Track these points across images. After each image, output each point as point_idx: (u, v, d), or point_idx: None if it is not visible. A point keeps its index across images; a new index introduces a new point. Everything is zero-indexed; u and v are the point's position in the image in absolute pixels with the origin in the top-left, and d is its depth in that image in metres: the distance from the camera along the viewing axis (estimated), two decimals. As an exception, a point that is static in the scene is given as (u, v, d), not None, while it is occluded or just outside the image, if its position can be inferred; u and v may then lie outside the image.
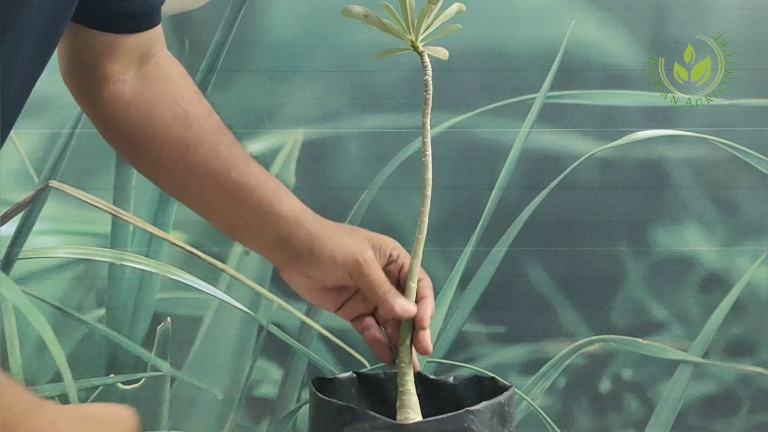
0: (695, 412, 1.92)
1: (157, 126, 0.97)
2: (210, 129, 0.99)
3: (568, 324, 1.92)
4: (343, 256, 0.95)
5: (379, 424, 0.84)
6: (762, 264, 1.90)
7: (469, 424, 0.84)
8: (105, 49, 0.97)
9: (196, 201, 0.99)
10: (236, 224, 0.98)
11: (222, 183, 0.97)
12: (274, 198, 0.98)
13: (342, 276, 0.95)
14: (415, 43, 0.92)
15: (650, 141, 1.90)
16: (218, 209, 0.98)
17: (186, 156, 0.97)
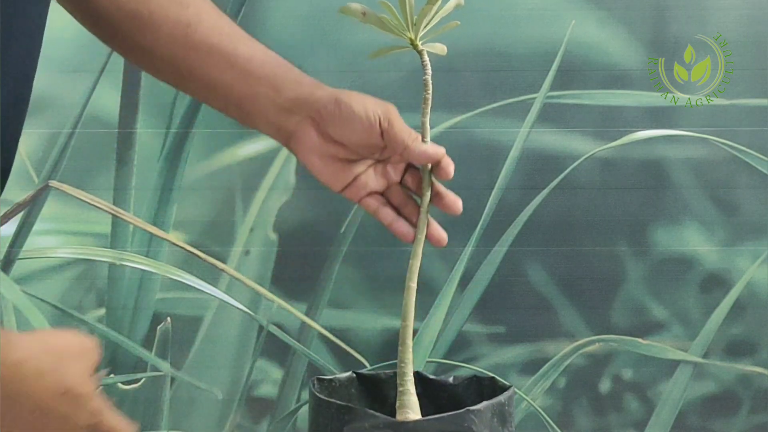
0: (695, 412, 1.92)
1: (152, 8, 0.94)
2: (207, 9, 0.96)
3: (568, 324, 1.92)
4: (373, 104, 0.92)
5: (378, 423, 0.84)
6: (762, 264, 1.90)
7: (470, 423, 0.84)
8: None
9: (199, 81, 0.96)
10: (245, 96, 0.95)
11: (228, 58, 0.94)
12: (288, 67, 0.95)
13: (369, 129, 0.92)
14: (415, 42, 0.92)
15: (650, 141, 1.90)
16: (225, 85, 0.95)
17: (187, 34, 0.94)
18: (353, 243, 1.89)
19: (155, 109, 1.89)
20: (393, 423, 0.85)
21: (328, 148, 0.94)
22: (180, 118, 1.88)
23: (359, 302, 1.91)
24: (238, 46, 0.94)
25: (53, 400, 0.73)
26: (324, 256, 1.90)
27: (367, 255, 1.90)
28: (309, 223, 1.89)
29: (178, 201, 1.90)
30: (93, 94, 1.87)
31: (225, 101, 0.97)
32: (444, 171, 0.97)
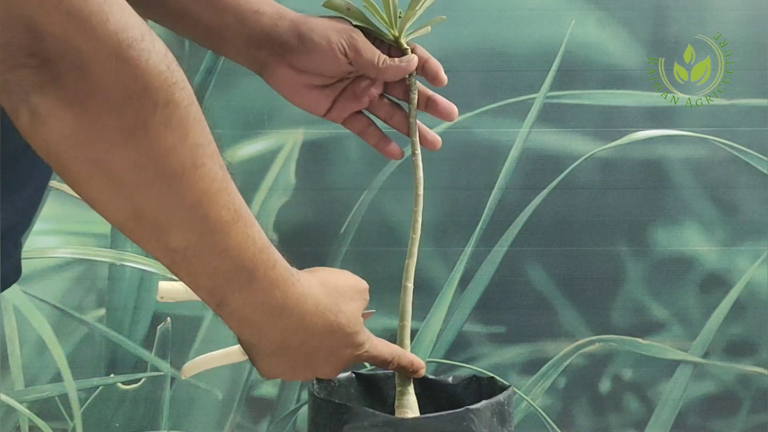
0: (695, 412, 1.92)
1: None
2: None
3: (568, 324, 1.92)
4: (337, 36, 0.90)
5: (378, 422, 0.84)
6: (762, 264, 1.90)
7: (469, 423, 0.84)
8: None
9: (167, 10, 0.94)
10: (213, 27, 0.93)
11: (233, 11, 0.92)
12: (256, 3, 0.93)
13: (335, 59, 0.90)
14: (399, 39, 0.91)
15: (650, 141, 1.91)
16: (193, 14, 0.93)
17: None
18: (353, 243, 1.90)
19: None
20: (392, 421, 0.85)
21: (301, 78, 0.93)
22: (180, 118, 1.88)
23: (359, 302, 1.91)
24: None
25: (325, 335, 0.80)
26: (324, 256, 1.90)
27: (367, 255, 1.90)
28: (309, 223, 1.89)
29: (178, 201, 1.90)
30: (93, 94, 1.87)
31: (194, 30, 0.95)
32: (436, 77, 0.93)
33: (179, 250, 0.69)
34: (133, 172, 0.63)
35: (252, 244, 0.71)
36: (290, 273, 0.76)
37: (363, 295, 0.86)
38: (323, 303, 0.79)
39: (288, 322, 0.77)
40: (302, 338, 0.79)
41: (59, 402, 1.89)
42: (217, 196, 0.67)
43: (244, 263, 0.71)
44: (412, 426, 0.85)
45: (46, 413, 1.89)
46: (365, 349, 0.84)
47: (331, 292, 0.81)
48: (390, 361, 0.88)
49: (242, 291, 0.73)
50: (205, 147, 0.65)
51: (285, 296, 0.75)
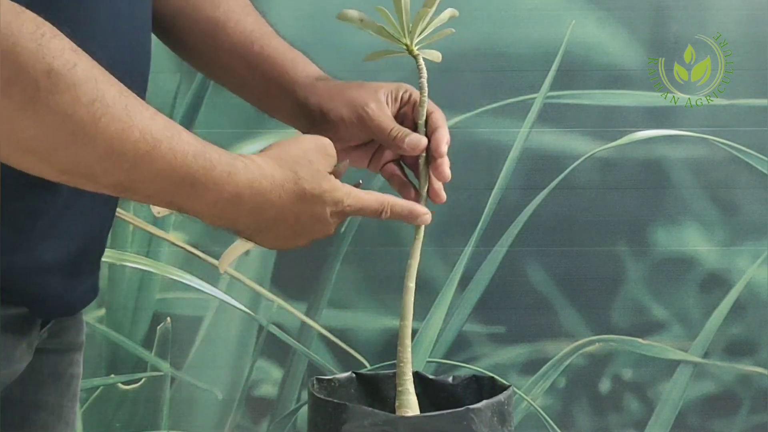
0: (695, 412, 1.92)
1: (189, 8, 1.02)
2: (236, 8, 1.03)
3: (568, 324, 1.92)
4: (348, 114, 0.97)
5: (378, 420, 0.84)
6: (762, 264, 1.90)
7: (469, 422, 0.84)
8: None
9: (226, 77, 1.04)
10: (262, 95, 1.02)
11: (246, 57, 1.01)
12: (292, 67, 1.02)
13: (356, 132, 0.97)
14: (410, 47, 0.92)
15: (650, 141, 1.91)
16: (245, 83, 1.02)
17: (215, 34, 1.02)
18: (353, 243, 1.90)
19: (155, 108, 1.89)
20: (393, 420, 0.85)
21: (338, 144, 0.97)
22: (180, 118, 1.88)
23: (359, 302, 1.91)
24: (254, 45, 1.02)
25: (294, 205, 0.83)
26: (324, 256, 1.90)
27: (367, 255, 1.90)
28: (309, 223, 1.89)
29: (178, 201, 1.90)
30: (93, 94, 1.87)
31: (250, 97, 1.04)
32: (436, 148, 0.98)
33: (116, 185, 0.75)
34: (40, 141, 0.70)
35: (182, 157, 0.75)
36: (234, 165, 0.79)
37: (324, 151, 0.86)
38: (278, 177, 0.81)
39: (250, 206, 0.80)
40: (275, 213, 0.82)
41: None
42: (127, 135, 0.72)
43: (181, 177, 0.76)
44: (413, 425, 0.85)
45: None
46: (346, 203, 0.85)
47: (285, 164, 0.83)
48: (381, 211, 0.88)
49: (192, 198, 0.78)
50: (101, 98, 0.71)
51: (236, 187, 0.78)
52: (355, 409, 0.85)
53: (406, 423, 0.85)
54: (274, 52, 1.02)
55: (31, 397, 0.92)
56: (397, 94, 0.97)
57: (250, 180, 0.79)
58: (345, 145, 0.98)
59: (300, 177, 0.83)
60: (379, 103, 0.96)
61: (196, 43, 1.03)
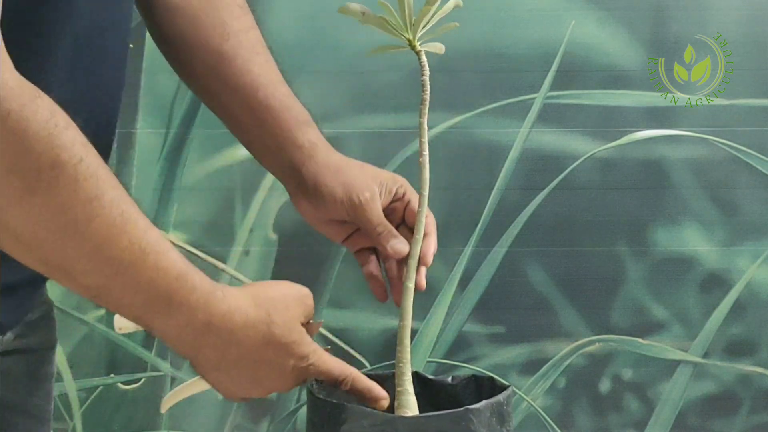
0: (695, 412, 1.92)
1: (197, 35, 0.99)
2: (246, 45, 1.00)
3: (568, 324, 1.92)
4: (341, 194, 0.96)
5: (377, 421, 0.84)
6: (762, 264, 1.90)
7: (468, 422, 0.84)
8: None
9: (225, 114, 1.01)
10: (256, 143, 1.00)
11: (248, 101, 0.98)
12: (294, 125, 0.99)
13: (343, 213, 0.97)
14: (413, 42, 0.91)
15: (650, 141, 1.90)
16: (242, 126, 1.00)
17: (220, 67, 0.98)
18: (353, 243, 1.89)
19: (155, 109, 1.89)
20: (392, 420, 0.85)
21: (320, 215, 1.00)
22: (180, 118, 1.88)
23: (359, 302, 1.91)
24: (259, 91, 0.98)
25: (260, 349, 0.80)
26: (324, 256, 1.90)
27: (367, 255, 1.90)
28: (309, 223, 1.89)
29: (178, 201, 1.90)
30: (93, 94, 1.87)
31: (242, 139, 1.01)
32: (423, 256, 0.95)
33: (92, 289, 0.73)
34: (29, 229, 0.69)
35: (165, 274, 0.74)
36: (213, 294, 0.77)
37: (302, 301, 0.84)
38: (252, 316, 0.79)
39: (218, 339, 0.78)
40: (238, 353, 0.79)
41: (59, 402, 1.89)
42: (116, 241, 0.71)
43: (159, 294, 0.74)
44: (412, 425, 0.85)
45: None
46: (310, 361, 0.83)
47: (261, 304, 0.80)
48: (341, 381, 0.86)
49: (164, 317, 0.76)
50: (99, 198, 0.70)
51: (209, 316, 0.76)
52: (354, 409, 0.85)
53: (405, 423, 0.85)
54: (278, 104, 0.99)
55: (3, 400, 0.91)
56: (393, 187, 0.97)
57: (224, 311, 0.77)
58: (327, 217, 0.98)
59: (273, 321, 0.80)
60: (373, 194, 0.96)
61: (198, 72, 1.00)
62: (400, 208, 0.98)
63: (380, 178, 0.98)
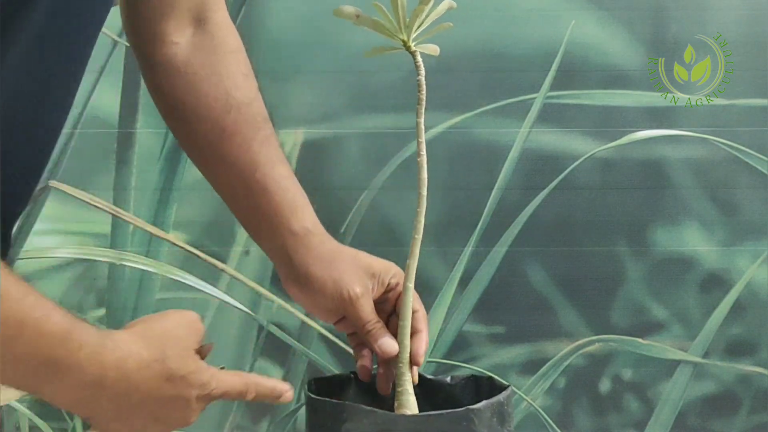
0: (695, 412, 1.92)
1: (198, 104, 0.96)
2: (248, 119, 0.98)
3: (568, 324, 1.91)
4: (332, 288, 0.95)
5: (377, 420, 0.83)
6: (762, 264, 1.90)
7: (468, 422, 0.84)
8: (160, 5, 0.95)
9: (220, 187, 0.99)
10: (250, 222, 0.99)
11: (245, 180, 0.96)
12: (289, 210, 0.98)
13: (332, 306, 0.96)
14: (407, 43, 0.91)
15: (650, 141, 1.90)
16: (237, 203, 0.98)
17: (220, 141, 0.96)
18: (353, 243, 1.89)
19: (155, 109, 1.88)
20: (394, 418, 0.85)
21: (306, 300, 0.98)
22: (180, 118, 1.87)
23: (359, 302, 1.90)
24: (257, 171, 0.96)
25: (160, 387, 0.78)
26: (324, 256, 1.89)
27: (367, 255, 1.90)
28: (309, 223, 1.89)
29: (178, 201, 1.90)
30: (93, 94, 1.87)
31: (236, 215, 1.00)
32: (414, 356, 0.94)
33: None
34: None
35: (47, 340, 0.71)
36: (102, 344, 0.74)
37: (192, 327, 0.82)
38: (145, 356, 0.77)
39: (114, 389, 0.75)
40: (138, 397, 0.77)
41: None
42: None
43: (41, 361, 0.71)
44: (413, 424, 0.85)
45: (46, 413, 1.89)
46: (212, 386, 0.82)
47: (152, 342, 0.78)
48: (246, 392, 0.85)
49: (51, 382, 0.73)
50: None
51: (101, 368, 0.74)
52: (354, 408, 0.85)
53: (406, 422, 0.85)
54: (275, 186, 0.97)
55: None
56: (385, 279, 0.96)
57: (116, 359, 0.75)
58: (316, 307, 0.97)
59: (167, 356, 0.78)
60: (365, 289, 0.95)
61: (197, 142, 0.98)
62: (392, 299, 0.97)
63: (373, 269, 0.96)
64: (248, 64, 1.00)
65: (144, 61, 0.98)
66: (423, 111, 0.93)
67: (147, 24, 0.97)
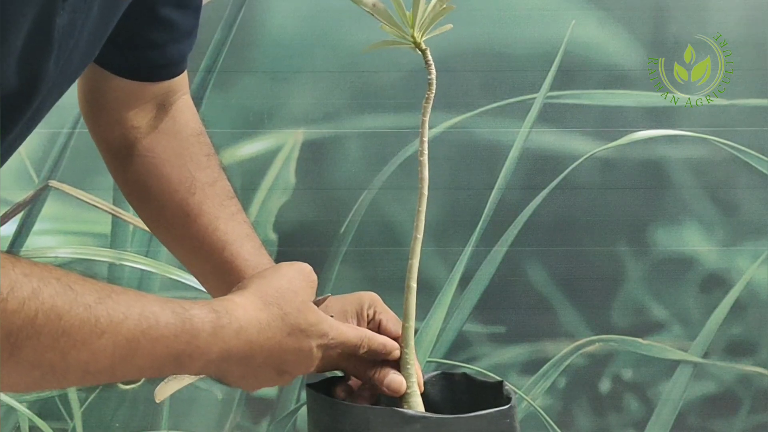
0: (695, 412, 1.92)
1: (162, 187, 0.97)
2: (213, 199, 0.97)
3: (568, 324, 1.92)
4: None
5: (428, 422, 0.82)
6: (762, 264, 1.90)
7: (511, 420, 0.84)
8: (125, 96, 0.96)
9: (190, 266, 1.00)
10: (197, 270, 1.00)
11: (214, 260, 0.96)
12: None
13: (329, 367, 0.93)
14: (418, 41, 0.91)
15: (650, 141, 1.91)
16: (208, 282, 0.99)
17: (186, 223, 0.96)
18: (353, 243, 1.90)
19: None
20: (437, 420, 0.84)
21: None
22: (180, 118, 1.87)
23: (359, 302, 1.91)
24: (225, 250, 0.96)
25: (282, 343, 0.80)
26: (324, 256, 1.90)
27: (366, 255, 1.90)
28: (309, 223, 1.89)
29: (178, 201, 1.90)
30: (93, 94, 1.87)
31: (210, 292, 0.99)
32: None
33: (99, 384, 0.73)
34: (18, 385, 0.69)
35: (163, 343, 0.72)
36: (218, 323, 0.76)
37: (306, 279, 0.83)
38: (264, 319, 0.79)
39: (240, 355, 0.78)
40: (263, 357, 0.79)
41: (59, 402, 1.89)
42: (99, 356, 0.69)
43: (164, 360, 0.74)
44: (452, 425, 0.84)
45: (46, 413, 1.89)
46: (331, 336, 0.83)
47: (270, 300, 0.80)
48: (359, 345, 0.85)
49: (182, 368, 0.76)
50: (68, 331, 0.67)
51: (224, 344, 0.76)
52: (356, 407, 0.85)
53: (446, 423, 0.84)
54: (243, 264, 0.96)
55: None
56: (362, 313, 0.94)
57: (236, 331, 0.77)
58: None
59: (286, 313, 0.80)
60: None
61: (163, 225, 0.98)
62: (374, 328, 0.94)
63: (347, 311, 0.94)
64: (210, 145, 1.00)
65: (105, 146, 0.98)
66: (430, 109, 0.92)
67: (108, 113, 0.97)
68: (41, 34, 0.72)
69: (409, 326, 0.92)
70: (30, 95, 0.75)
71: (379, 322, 0.94)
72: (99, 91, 0.96)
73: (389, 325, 0.94)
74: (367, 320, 0.94)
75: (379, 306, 0.95)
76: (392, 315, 0.94)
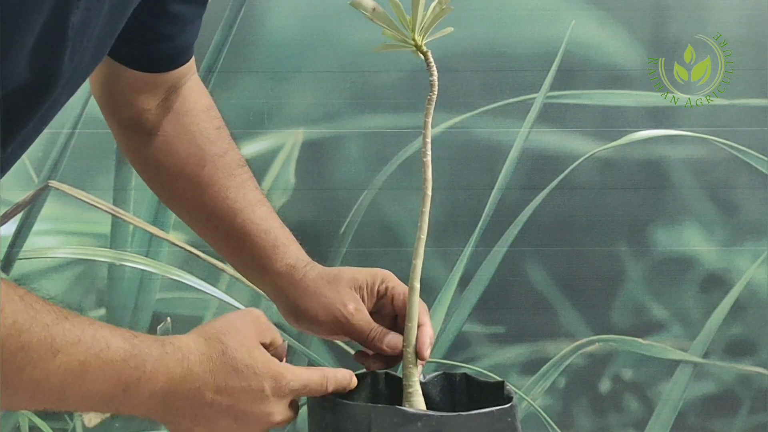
0: (695, 412, 1.92)
1: (172, 161, 1.00)
2: (223, 169, 1.00)
3: (568, 324, 1.92)
4: (324, 315, 0.97)
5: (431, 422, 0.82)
6: (762, 264, 1.90)
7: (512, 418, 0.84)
8: (138, 86, 0.99)
9: (205, 237, 1.02)
10: (239, 266, 1.03)
11: (226, 227, 0.99)
12: (271, 250, 1.00)
13: (330, 331, 0.97)
14: (419, 44, 0.91)
15: (650, 141, 1.91)
16: (223, 249, 1.02)
17: (196, 194, 0.99)
18: (353, 243, 1.89)
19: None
20: (438, 418, 0.84)
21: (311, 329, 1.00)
22: (180, 118, 1.87)
23: (359, 302, 1.91)
24: (236, 217, 0.99)
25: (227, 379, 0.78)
26: (324, 256, 1.90)
27: (366, 255, 1.90)
28: (309, 223, 1.89)
29: (178, 201, 1.90)
30: (93, 94, 1.87)
31: (226, 259, 1.03)
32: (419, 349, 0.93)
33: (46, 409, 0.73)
34: None
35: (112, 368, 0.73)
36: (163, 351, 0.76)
37: (253, 321, 0.82)
38: (205, 351, 0.78)
39: (184, 389, 0.77)
40: (210, 394, 0.78)
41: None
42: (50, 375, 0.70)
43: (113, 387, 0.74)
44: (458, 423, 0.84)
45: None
46: (287, 379, 0.80)
47: (209, 336, 0.79)
48: (325, 384, 0.84)
49: (126, 401, 0.76)
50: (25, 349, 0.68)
51: (168, 373, 0.76)
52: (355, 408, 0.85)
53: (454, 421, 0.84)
54: (255, 229, 0.99)
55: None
56: (374, 287, 0.97)
57: (178, 360, 0.76)
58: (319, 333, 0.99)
59: (228, 346, 0.78)
60: (357, 304, 0.96)
61: (176, 199, 1.01)
62: (388, 303, 0.97)
63: (359, 281, 0.97)
64: (220, 118, 1.03)
65: (116, 125, 1.02)
66: (432, 111, 0.92)
67: (119, 96, 1.00)
68: (56, 31, 0.73)
69: (412, 326, 0.92)
70: (46, 92, 0.77)
71: (392, 297, 0.96)
72: (111, 79, 0.99)
73: (399, 302, 0.96)
74: (378, 296, 0.96)
75: (392, 281, 0.97)
76: (404, 288, 0.95)
